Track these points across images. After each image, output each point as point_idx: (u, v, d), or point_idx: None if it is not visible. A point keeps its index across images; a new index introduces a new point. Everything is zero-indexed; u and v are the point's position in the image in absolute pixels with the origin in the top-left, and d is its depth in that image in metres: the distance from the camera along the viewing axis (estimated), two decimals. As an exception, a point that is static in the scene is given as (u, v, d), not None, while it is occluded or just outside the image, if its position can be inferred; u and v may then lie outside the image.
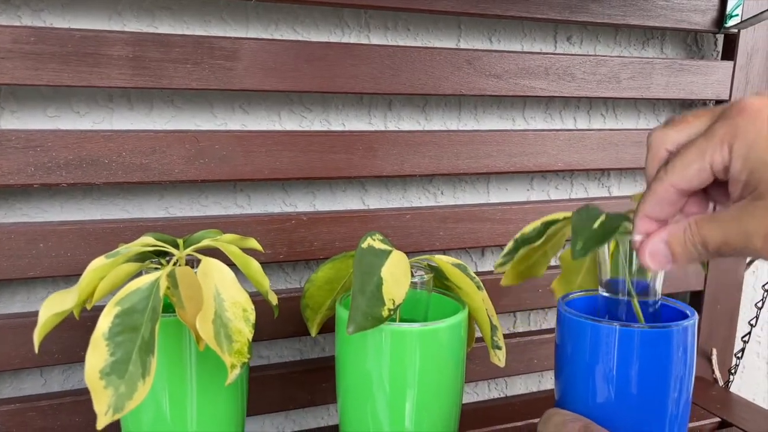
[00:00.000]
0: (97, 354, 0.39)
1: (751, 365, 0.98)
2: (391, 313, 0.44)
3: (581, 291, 0.54)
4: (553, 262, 0.53)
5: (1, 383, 0.60)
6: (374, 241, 0.48)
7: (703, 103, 0.83)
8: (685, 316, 0.46)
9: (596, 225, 0.44)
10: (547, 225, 0.49)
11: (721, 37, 0.81)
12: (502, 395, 0.84)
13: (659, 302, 0.47)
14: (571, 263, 0.55)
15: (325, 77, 0.61)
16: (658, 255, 0.38)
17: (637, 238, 0.40)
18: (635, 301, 0.46)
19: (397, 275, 0.45)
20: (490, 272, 0.75)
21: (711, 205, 0.40)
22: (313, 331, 0.56)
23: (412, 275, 0.50)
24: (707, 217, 0.37)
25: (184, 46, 0.55)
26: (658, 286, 0.46)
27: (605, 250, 0.46)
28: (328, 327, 0.55)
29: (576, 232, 0.43)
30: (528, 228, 0.50)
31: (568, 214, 0.48)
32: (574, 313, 0.46)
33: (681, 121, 0.39)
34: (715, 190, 0.38)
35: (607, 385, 0.44)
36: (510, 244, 0.50)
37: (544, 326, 0.83)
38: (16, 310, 0.59)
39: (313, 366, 0.67)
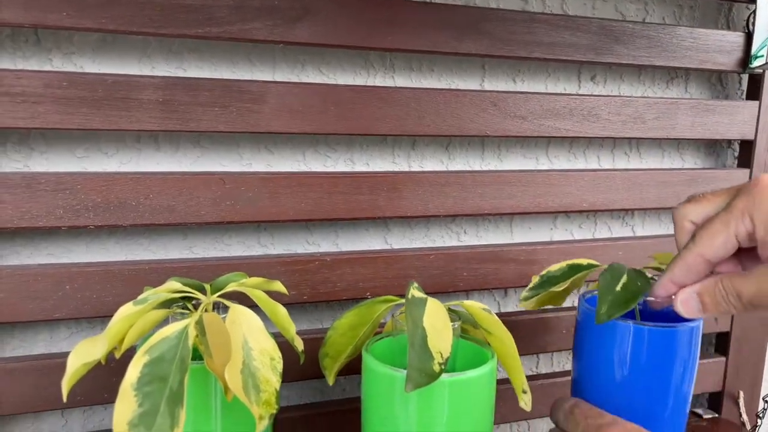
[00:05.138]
0: (126, 404, 0.38)
1: (779, 407, 0.95)
2: (442, 367, 0.43)
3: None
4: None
5: (23, 424, 0.60)
6: (414, 290, 0.47)
7: (728, 143, 0.82)
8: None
9: (619, 287, 0.50)
10: (572, 268, 0.56)
11: (745, 77, 0.80)
12: (525, 437, 0.82)
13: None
14: None
15: (351, 119, 0.61)
16: (689, 305, 0.43)
17: (650, 299, 0.47)
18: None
19: (437, 326, 0.45)
20: (512, 313, 0.74)
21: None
22: (331, 380, 0.55)
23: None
24: (739, 273, 0.41)
25: (212, 89, 0.56)
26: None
27: None
28: (349, 369, 0.55)
29: (601, 295, 0.49)
30: (554, 267, 0.56)
31: (592, 261, 0.56)
32: (593, 309, 0.51)
33: (702, 198, 0.44)
34: (744, 256, 0.43)
35: (620, 373, 0.51)
36: (536, 280, 0.55)
37: (567, 367, 0.82)
38: (39, 351, 0.59)
39: (335, 408, 0.66)
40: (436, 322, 0.44)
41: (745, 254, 0.43)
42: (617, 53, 0.70)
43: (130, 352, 0.41)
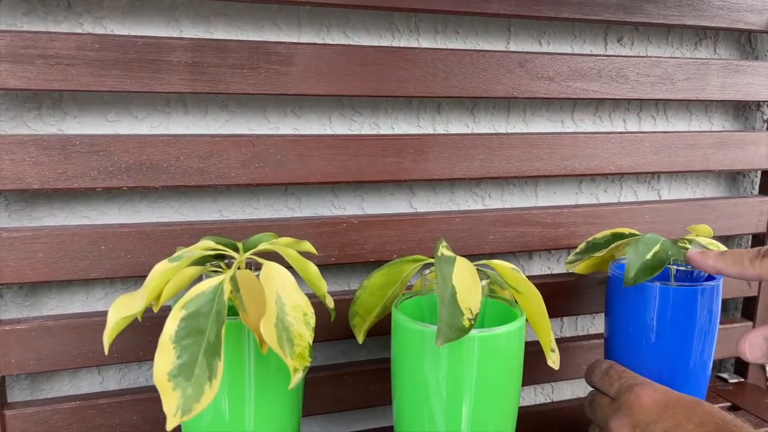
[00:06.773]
0: (165, 356, 0.39)
1: (804, 373, 0.95)
2: (472, 322, 0.43)
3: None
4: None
5: (60, 381, 0.62)
6: (443, 249, 0.48)
7: (758, 105, 0.81)
8: (711, 279, 0.58)
9: (649, 256, 0.54)
10: (615, 236, 0.62)
11: (777, 37, 0.79)
12: (549, 400, 0.83)
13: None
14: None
15: (377, 81, 0.61)
16: (755, 348, 0.46)
17: (691, 251, 0.53)
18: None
19: (467, 283, 0.45)
20: (537, 277, 0.74)
21: None
22: (360, 339, 0.56)
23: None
24: None
25: (240, 51, 0.56)
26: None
27: None
28: (374, 330, 0.56)
29: (630, 263, 0.54)
30: (599, 235, 0.63)
31: (634, 231, 0.62)
32: (622, 274, 0.55)
33: None
34: None
35: (649, 329, 0.56)
36: (582, 245, 0.63)
37: (592, 331, 0.82)
38: (76, 311, 0.61)
39: (362, 368, 0.67)
40: (466, 279, 0.45)
41: None
42: (647, 12, 0.69)
43: (164, 312, 0.42)
